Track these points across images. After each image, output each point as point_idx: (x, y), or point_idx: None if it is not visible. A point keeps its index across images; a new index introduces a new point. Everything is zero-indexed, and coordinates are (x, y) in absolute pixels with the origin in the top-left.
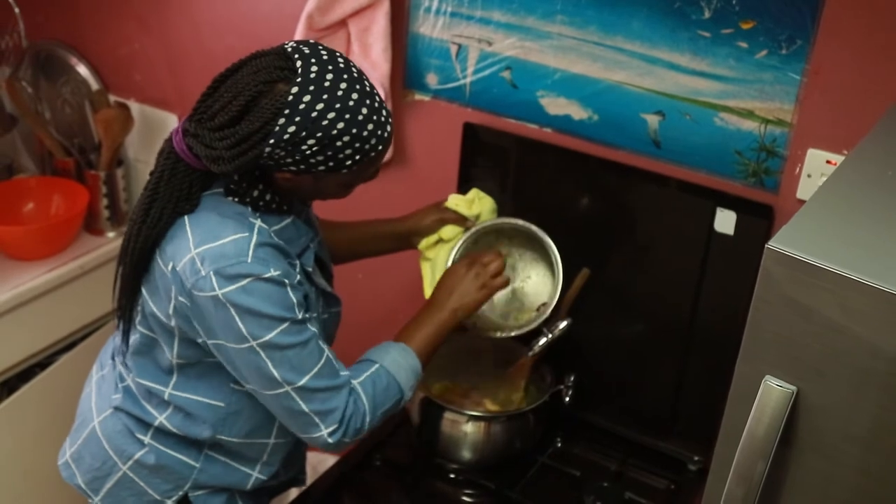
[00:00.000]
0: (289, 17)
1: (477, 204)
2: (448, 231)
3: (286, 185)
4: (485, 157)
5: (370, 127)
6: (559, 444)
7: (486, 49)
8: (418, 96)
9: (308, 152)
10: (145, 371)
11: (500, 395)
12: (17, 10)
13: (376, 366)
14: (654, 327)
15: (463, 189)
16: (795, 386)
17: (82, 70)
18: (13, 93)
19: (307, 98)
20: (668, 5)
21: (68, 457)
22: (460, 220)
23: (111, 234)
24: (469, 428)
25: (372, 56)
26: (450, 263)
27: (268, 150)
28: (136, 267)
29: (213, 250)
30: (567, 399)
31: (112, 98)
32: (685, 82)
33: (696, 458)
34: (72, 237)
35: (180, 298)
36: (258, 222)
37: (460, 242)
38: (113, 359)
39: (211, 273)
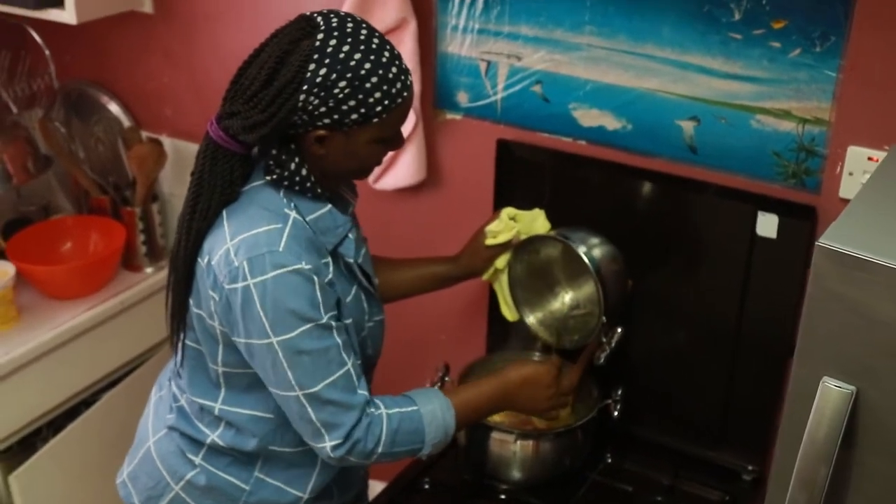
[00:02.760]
0: None
1: (512, 224)
2: (501, 261)
3: (320, 154)
4: (520, 174)
5: (394, 70)
6: (609, 460)
7: (515, 64)
8: (450, 115)
9: (340, 96)
10: (196, 387)
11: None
12: (47, 52)
13: (414, 407)
14: (700, 335)
15: (499, 207)
16: (854, 386)
17: (113, 108)
18: (47, 134)
19: (333, 42)
20: (698, 9)
21: (125, 476)
22: (505, 247)
23: (149, 270)
24: (517, 447)
25: None
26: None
27: (302, 98)
28: (187, 269)
29: (247, 240)
30: (616, 413)
31: (144, 134)
32: (719, 86)
33: (749, 468)
34: (111, 275)
35: (214, 294)
36: (293, 213)
37: (508, 266)
38: (169, 380)
39: (244, 262)
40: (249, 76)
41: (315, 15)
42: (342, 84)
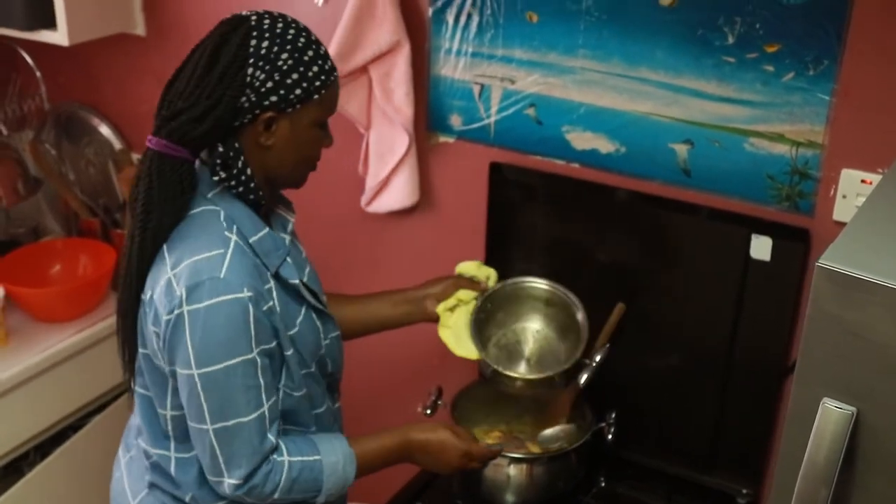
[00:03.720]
0: None
1: (485, 268)
2: (464, 293)
3: (266, 146)
4: (513, 196)
5: (322, 49)
6: (602, 484)
7: (508, 87)
8: (443, 138)
9: (284, 68)
10: (152, 438)
11: None
12: (38, 73)
13: (317, 457)
14: (693, 358)
15: (491, 232)
16: (854, 406)
17: (104, 130)
18: (37, 155)
19: (268, 22)
20: (691, 33)
21: None
22: (474, 283)
23: None
24: (511, 471)
25: (394, 101)
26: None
27: (249, 72)
28: (137, 301)
29: (189, 266)
30: (610, 436)
31: (135, 157)
32: (712, 109)
33: (744, 491)
34: (100, 297)
35: (155, 329)
36: (234, 237)
37: (478, 303)
38: (136, 438)
39: (183, 290)
40: (183, 78)
41: (240, 12)
42: (284, 56)
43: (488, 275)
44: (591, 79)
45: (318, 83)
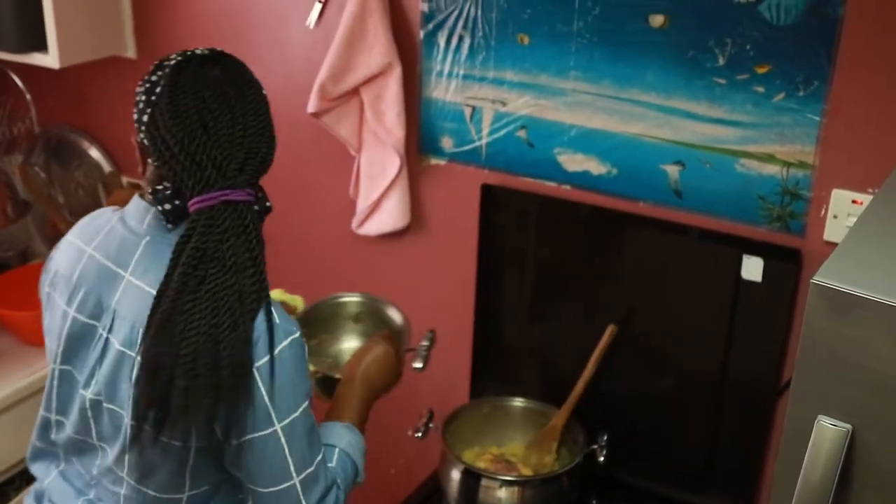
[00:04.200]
0: (301, 89)
1: (291, 295)
2: None
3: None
4: (504, 218)
5: None
6: None
7: (500, 109)
8: (434, 161)
9: (147, 118)
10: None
11: (531, 460)
12: (28, 96)
13: (338, 450)
14: (685, 380)
15: (482, 254)
16: (849, 424)
17: (94, 153)
18: (26, 178)
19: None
20: (682, 54)
21: None
22: (290, 308)
23: None
24: (503, 494)
25: (386, 123)
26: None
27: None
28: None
29: None
30: (601, 459)
31: (125, 179)
32: (703, 131)
33: None
34: None
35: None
36: None
37: None
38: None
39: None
40: (221, 128)
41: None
42: (142, 103)
43: (295, 302)
44: (583, 100)
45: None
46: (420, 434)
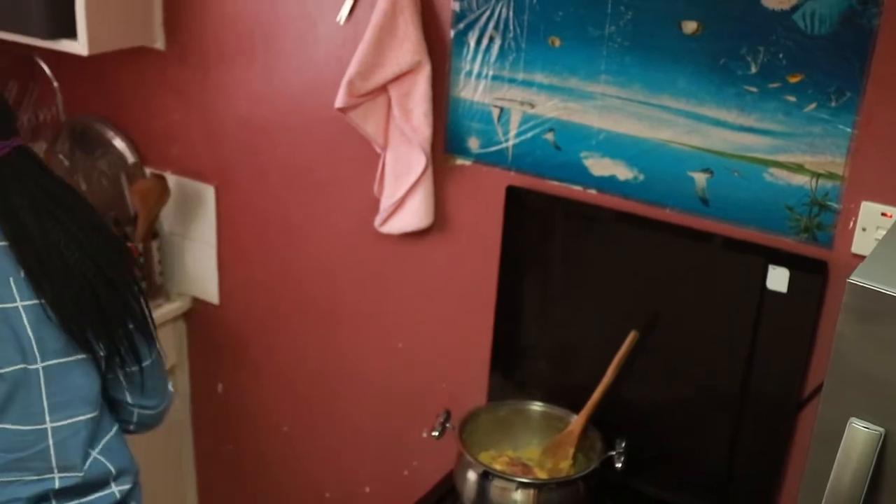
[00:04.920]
0: (329, 86)
1: None
2: None
3: None
4: (528, 221)
5: None
6: None
7: (528, 111)
8: (460, 161)
9: None
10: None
11: (547, 465)
12: (56, 84)
13: None
14: (705, 390)
15: (505, 257)
16: (883, 427)
17: (119, 143)
18: (51, 165)
19: None
20: (714, 61)
21: None
22: None
23: None
24: (518, 496)
25: (413, 121)
26: None
27: None
28: None
29: None
30: (619, 465)
31: (147, 170)
32: (733, 139)
33: None
34: None
35: None
36: None
37: None
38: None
39: None
40: None
41: None
42: None
43: None
44: (612, 105)
45: None
46: (437, 433)
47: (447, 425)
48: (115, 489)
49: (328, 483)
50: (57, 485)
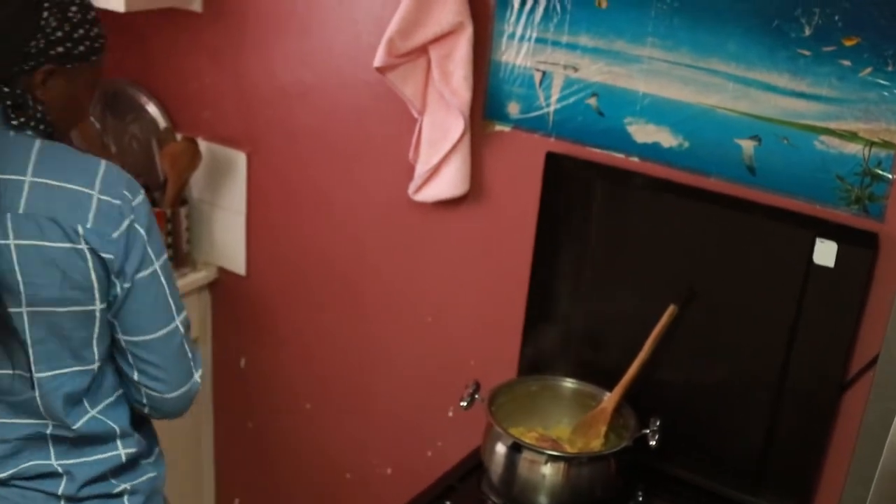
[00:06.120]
0: (367, 48)
1: None
2: None
3: (39, 101)
4: (567, 189)
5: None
6: (640, 498)
7: (571, 75)
8: (498, 127)
9: (75, 20)
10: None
11: (578, 443)
12: None
13: None
14: (745, 369)
15: (541, 226)
16: None
17: (151, 109)
18: (83, 128)
19: None
20: (766, 23)
21: None
22: None
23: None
24: (548, 470)
25: (453, 83)
26: None
27: (45, 15)
28: None
29: (108, 179)
30: (653, 444)
31: (178, 136)
32: (783, 104)
33: None
34: None
35: (103, 255)
36: None
37: None
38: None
39: (125, 193)
40: None
41: None
42: (74, 8)
43: None
44: (658, 69)
45: (98, 44)
46: (465, 403)
47: (476, 396)
48: (122, 451)
49: (349, 463)
50: (50, 430)
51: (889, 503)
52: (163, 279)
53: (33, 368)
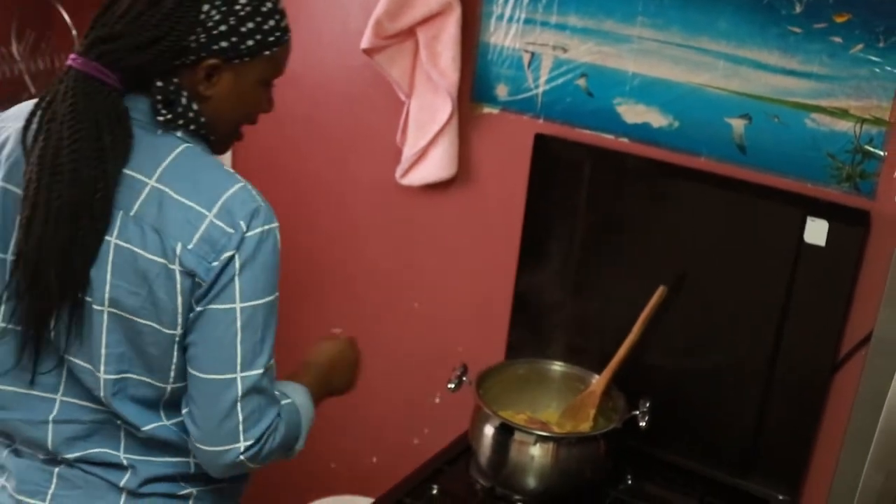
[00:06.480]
0: (354, 33)
1: None
2: None
3: (205, 97)
4: (555, 171)
5: (281, 3)
6: (630, 482)
7: (560, 56)
8: (486, 109)
9: (242, 14)
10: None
11: (566, 427)
12: (74, 31)
13: (289, 400)
14: (736, 350)
15: (529, 209)
16: None
17: None
18: None
19: None
20: (757, 1)
21: None
22: None
23: None
24: (536, 451)
25: (441, 65)
26: None
27: (205, 9)
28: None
29: (231, 203)
30: (643, 424)
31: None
32: (774, 82)
33: (780, 497)
34: None
35: (197, 280)
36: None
37: None
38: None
39: (240, 223)
40: (125, 2)
41: None
42: (243, 1)
43: None
44: (649, 48)
45: (272, 38)
46: (453, 385)
47: (464, 379)
48: (192, 460)
49: (333, 453)
50: (121, 422)
51: (882, 483)
52: (239, 323)
53: (102, 368)
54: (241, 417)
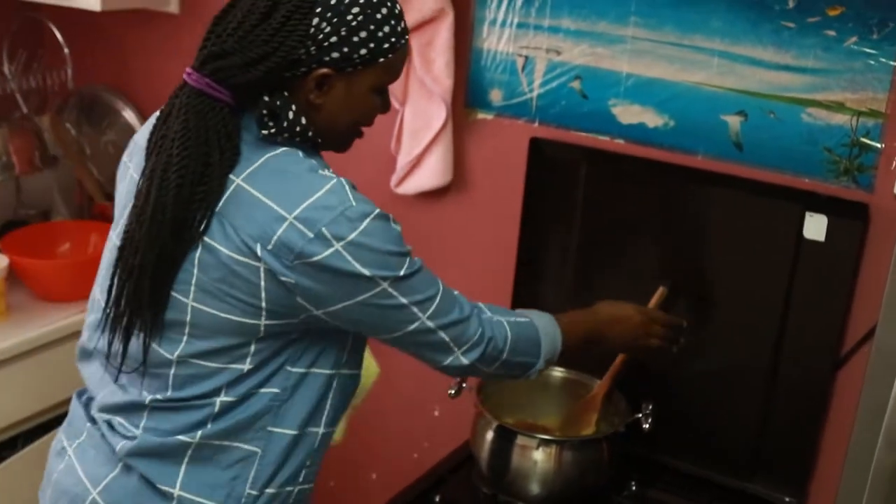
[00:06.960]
0: None
1: None
2: None
3: (316, 105)
4: (552, 175)
5: (398, 7)
6: (634, 488)
7: (554, 59)
8: (481, 115)
9: (354, 24)
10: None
11: (569, 432)
12: (66, 50)
13: (526, 319)
14: (738, 350)
15: (527, 214)
16: None
17: (128, 115)
18: (57, 129)
19: None
20: None
21: None
22: None
23: None
24: (539, 455)
25: (434, 71)
26: None
27: (315, 21)
28: (179, 251)
29: (314, 207)
30: (647, 426)
31: None
32: (769, 78)
33: (788, 500)
34: None
35: (282, 278)
36: (330, 171)
37: None
38: (93, 420)
39: (323, 230)
40: (237, 15)
41: None
42: (355, 10)
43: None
44: (642, 48)
45: (386, 45)
46: (453, 392)
47: (464, 385)
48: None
49: (331, 470)
50: (147, 400)
51: (889, 483)
52: (376, 303)
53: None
54: (448, 339)
